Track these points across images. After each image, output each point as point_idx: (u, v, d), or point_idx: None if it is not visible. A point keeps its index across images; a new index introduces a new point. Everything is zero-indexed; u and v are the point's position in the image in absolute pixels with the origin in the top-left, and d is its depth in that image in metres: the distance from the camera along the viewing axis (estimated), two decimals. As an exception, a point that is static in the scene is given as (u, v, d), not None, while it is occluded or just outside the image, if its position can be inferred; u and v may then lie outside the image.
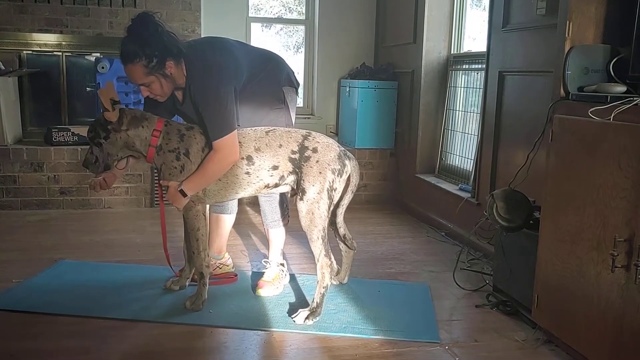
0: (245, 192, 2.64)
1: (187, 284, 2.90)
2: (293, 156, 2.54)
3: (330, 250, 2.58)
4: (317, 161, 2.52)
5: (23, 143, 4.63)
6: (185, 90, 2.63)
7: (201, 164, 2.56)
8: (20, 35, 4.81)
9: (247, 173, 2.56)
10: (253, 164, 2.55)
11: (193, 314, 2.63)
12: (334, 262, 2.61)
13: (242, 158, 2.54)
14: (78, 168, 4.45)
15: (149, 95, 2.60)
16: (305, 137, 2.57)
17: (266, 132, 2.59)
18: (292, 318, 2.58)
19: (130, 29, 2.47)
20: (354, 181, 2.66)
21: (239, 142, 2.54)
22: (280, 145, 2.55)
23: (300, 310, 2.60)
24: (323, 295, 2.58)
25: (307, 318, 2.55)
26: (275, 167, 2.56)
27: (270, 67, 2.80)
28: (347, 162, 2.60)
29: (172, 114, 2.80)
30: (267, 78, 2.76)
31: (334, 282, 2.99)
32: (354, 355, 2.33)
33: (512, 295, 2.78)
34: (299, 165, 2.54)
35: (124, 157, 2.65)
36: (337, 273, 2.96)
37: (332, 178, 2.53)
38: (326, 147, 2.56)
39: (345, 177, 2.60)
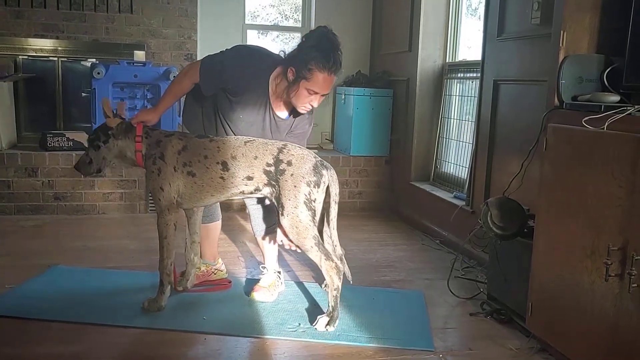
0: (221, 197, 2.66)
1: (189, 285, 2.92)
2: (268, 169, 2.53)
3: (330, 253, 2.57)
4: (292, 174, 2.50)
5: (18, 148, 4.62)
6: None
7: None
8: (16, 40, 4.81)
9: (222, 178, 2.58)
10: (227, 170, 2.57)
11: (186, 320, 2.62)
12: (339, 263, 2.59)
13: (217, 162, 2.57)
14: (72, 173, 4.43)
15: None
16: (280, 150, 2.55)
17: (245, 142, 2.60)
18: (313, 326, 2.57)
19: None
20: (334, 191, 2.58)
21: (218, 147, 2.58)
22: (256, 157, 2.55)
23: (318, 317, 2.59)
24: (336, 297, 2.56)
25: (327, 324, 2.55)
26: (250, 178, 2.56)
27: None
28: (324, 172, 2.54)
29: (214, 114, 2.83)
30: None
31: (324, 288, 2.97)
32: (347, 362, 2.33)
33: (506, 304, 2.78)
34: (275, 179, 2.53)
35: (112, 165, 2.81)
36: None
37: (307, 190, 2.50)
38: (300, 159, 2.53)
39: (323, 187, 2.55)
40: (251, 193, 2.63)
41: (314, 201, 2.53)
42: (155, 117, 2.72)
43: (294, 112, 2.71)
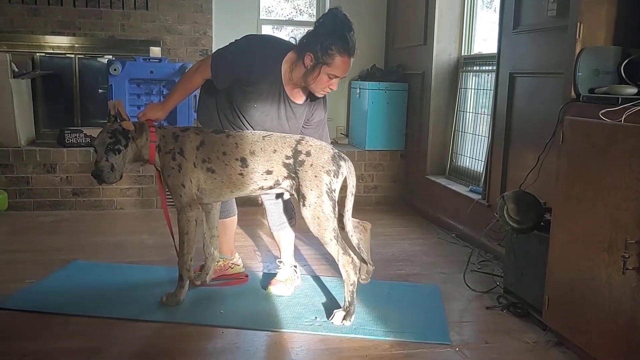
0: (240, 192, 2.68)
1: (208, 279, 2.95)
2: (287, 161, 2.55)
3: (347, 248, 2.58)
4: (312, 164, 2.52)
5: (36, 144, 4.68)
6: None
7: None
8: (33, 37, 4.87)
9: (241, 174, 2.60)
10: (246, 167, 2.58)
11: (204, 314, 2.65)
12: (355, 258, 2.60)
13: (237, 159, 2.58)
14: (90, 169, 4.47)
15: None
16: (298, 142, 2.58)
17: (263, 136, 2.61)
18: (329, 320, 2.59)
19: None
20: (351, 182, 2.61)
21: (236, 143, 2.59)
22: (275, 150, 2.57)
23: (335, 311, 2.61)
24: (352, 292, 2.58)
25: (344, 319, 2.56)
26: (269, 172, 2.58)
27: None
28: (342, 163, 2.57)
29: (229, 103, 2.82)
30: None
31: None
32: (364, 356, 2.33)
33: (522, 297, 2.77)
34: (294, 171, 2.55)
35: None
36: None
37: (328, 180, 2.52)
38: (319, 150, 2.56)
39: (341, 178, 2.58)
40: (270, 188, 2.64)
41: (334, 191, 2.55)
42: (162, 114, 2.72)
43: (310, 97, 2.73)
